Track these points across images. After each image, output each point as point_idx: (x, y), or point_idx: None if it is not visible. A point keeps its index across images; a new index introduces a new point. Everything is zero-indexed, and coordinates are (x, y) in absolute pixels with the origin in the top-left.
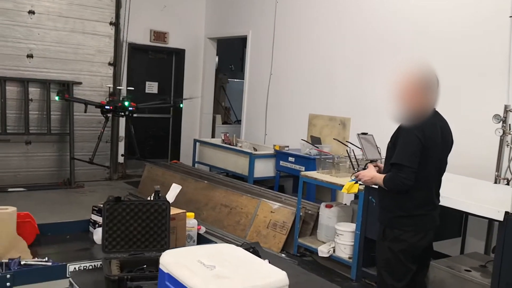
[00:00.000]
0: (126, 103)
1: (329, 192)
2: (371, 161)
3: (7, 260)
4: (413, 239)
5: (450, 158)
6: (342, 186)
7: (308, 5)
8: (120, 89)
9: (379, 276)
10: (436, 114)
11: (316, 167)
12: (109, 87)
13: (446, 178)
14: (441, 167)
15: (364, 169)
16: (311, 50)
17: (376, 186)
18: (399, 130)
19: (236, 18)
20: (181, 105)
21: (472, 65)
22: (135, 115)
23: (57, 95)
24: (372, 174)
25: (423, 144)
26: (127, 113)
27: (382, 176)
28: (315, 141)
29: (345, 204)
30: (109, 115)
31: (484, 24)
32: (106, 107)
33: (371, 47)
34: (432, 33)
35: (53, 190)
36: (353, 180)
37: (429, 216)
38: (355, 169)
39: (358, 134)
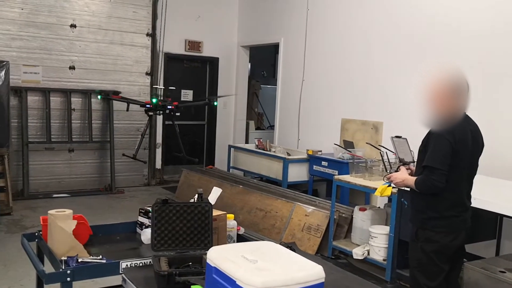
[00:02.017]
0: (154, 100)
1: (363, 196)
2: (404, 164)
3: (65, 258)
4: (444, 240)
5: (485, 160)
6: (375, 189)
7: (339, 12)
8: (161, 89)
9: (412, 276)
10: (467, 118)
11: (349, 171)
12: (157, 88)
13: (480, 180)
14: (472, 170)
15: (397, 171)
16: (343, 55)
17: (408, 189)
18: (430, 134)
19: (268, 26)
20: (215, 103)
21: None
22: (176, 122)
23: (99, 94)
24: (404, 176)
25: (453, 147)
26: (167, 111)
27: (414, 178)
28: (348, 145)
29: (379, 207)
30: (151, 113)
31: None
32: (147, 105)
33: (402, 51)
34: (463, 35)
35: (95, 195)
36: (386, 183)
37: (460, 218)
38: (388, 171)
39: (392, 137)
